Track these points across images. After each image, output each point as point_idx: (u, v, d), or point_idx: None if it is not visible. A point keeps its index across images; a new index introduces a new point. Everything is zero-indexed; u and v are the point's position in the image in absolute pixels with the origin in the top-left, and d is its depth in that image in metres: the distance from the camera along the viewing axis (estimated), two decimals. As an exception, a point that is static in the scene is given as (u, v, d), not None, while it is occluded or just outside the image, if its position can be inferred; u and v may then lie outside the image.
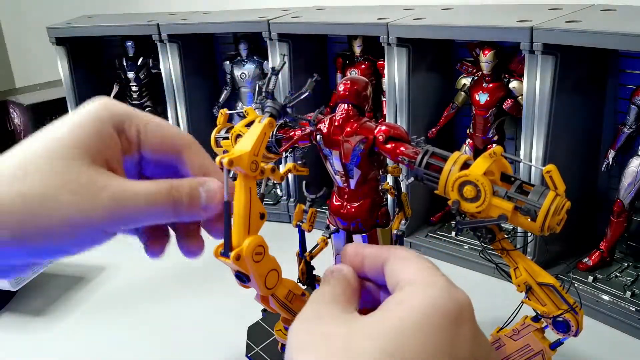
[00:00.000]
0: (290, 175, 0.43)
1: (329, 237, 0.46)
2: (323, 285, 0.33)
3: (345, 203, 0.45)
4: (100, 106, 0.33)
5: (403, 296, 0.29)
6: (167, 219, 0.33)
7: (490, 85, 0.82)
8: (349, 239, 0.46)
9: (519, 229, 0.66)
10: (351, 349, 0.27)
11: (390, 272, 0.32)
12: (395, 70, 0.83)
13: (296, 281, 0.43)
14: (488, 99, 0.83)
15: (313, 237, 0.49)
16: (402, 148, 0.42)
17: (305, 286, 0.44)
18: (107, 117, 0.33)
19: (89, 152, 0.32)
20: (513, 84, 0.82)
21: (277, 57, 0.93)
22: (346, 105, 0.44)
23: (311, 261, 0.43)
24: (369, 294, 0.33)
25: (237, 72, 1.06)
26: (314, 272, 0.50)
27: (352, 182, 0.44)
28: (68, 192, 0.30)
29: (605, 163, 0.76)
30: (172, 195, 0.33)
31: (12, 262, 0.32)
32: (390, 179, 0.51)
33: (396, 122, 0.85)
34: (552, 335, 0.42)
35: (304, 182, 0.45)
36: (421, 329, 0.27)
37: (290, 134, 0.46)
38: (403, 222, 0.52)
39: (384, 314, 0.29)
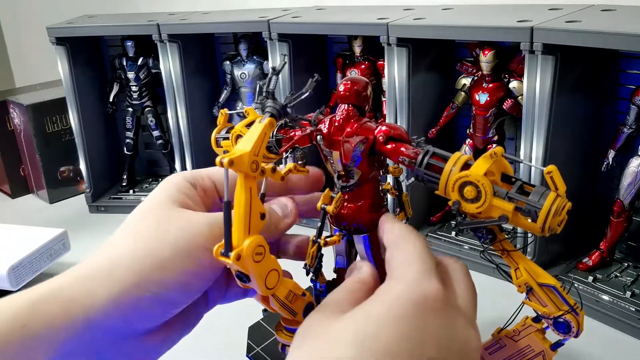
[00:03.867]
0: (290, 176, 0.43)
1: (344, 237, 0.45)
2: (339, 287, 0.38)
3: (345, 203, 0.45)
4: (174, 175, 0.42)
5: (380, 290, 0.35)
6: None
7: (490, 85, 0.82)
8: (350, 240, 0.46)
9: (519, 230, 0.66)
10: (330, 340, 0.32)
11: (387, 262, 0.38)
12: (395, 70, 0.83)
13: (302, 267, 0.43)
14: (488, 99, 0.83)
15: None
16: (402, 148, 0.42)
17: (310, 273, 0.43)
18: (180, 177, 0.41)
19: (175, 201, 0.39)
20: (513, 84, 0.82)
21: (277, 57, 0.93)
22: (346, 105, 0.44)
23: (324, 247, 0.43)
24: None
25: (237, 72, 1.06)
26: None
27: (353, 182, 0.44)
28: (171, 223, 0.37)
29: (605, 163, 0.76)
30: None
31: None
32: (390, 179, 0.51)
33: (396, 122, 0.85)
34: (552, 336, 0.42)
35: (337, 173, 0.45)
36: (390, 320, 0.32)
37: (291, 134, 0.46)
38: (404, 222, 0.51)
39: (360, 309, 0.34)
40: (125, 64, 1.11)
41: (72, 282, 0.36)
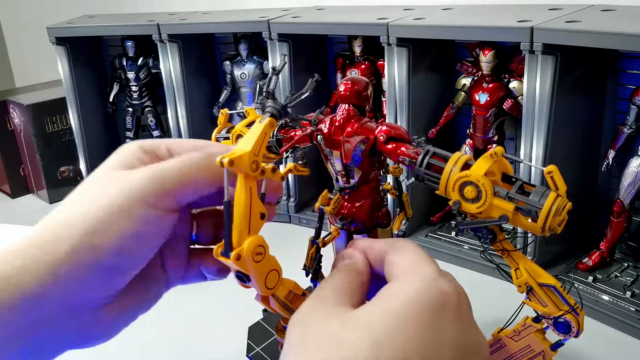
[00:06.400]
0: (290, 176, 0.43)
1: (342, 228, 0.45)
2: (330, 275, 0.36)
3: (346, 203, 0.45)
4: (130, 142, 0.40)
5: (392, 288, 0.33)
6: (207, 184, 0.36)
7: (490, 85, 0.82)
8: (350, 240, 0.46)
9: (519, 230, 0.66)
10: (342, 341, 0.30)
11: (388, 264, 0.36)
12: (395, 70, 0.83)
13: (302, 268, 0.43)
14: (488, 99, 0.83)
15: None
16: (402, 148, 0.42)
17: (310, 274, 0.43)
18: (134, 144, 0.40)
19: (124, 165, 0.38)
20: (513, 84, 0.82)
21: (277, 57, 0.93)
22: (347, 105, 0.44)
23: (322, 248, 0.43)
24: (379, 284, 0.35)
25: (237, 72, 1.06)
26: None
27: (353, 183, 0.44)
28: (109, 185, 0.36)
29: (605, 163, 0.76)
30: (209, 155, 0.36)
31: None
32: (390, 179, 0.51)
33: (396, 122, 0.85)
34: (553, 336, 0.42)
35: (337, 174, 0.45)
36: (406, 317, 0.30)
37: (291, 134, 0.46)
38: (404, 222, 0.52)
39: (373, 306, 0.32)
40: (125, 64, 1.11)
41: (6, 259, 0.34)
